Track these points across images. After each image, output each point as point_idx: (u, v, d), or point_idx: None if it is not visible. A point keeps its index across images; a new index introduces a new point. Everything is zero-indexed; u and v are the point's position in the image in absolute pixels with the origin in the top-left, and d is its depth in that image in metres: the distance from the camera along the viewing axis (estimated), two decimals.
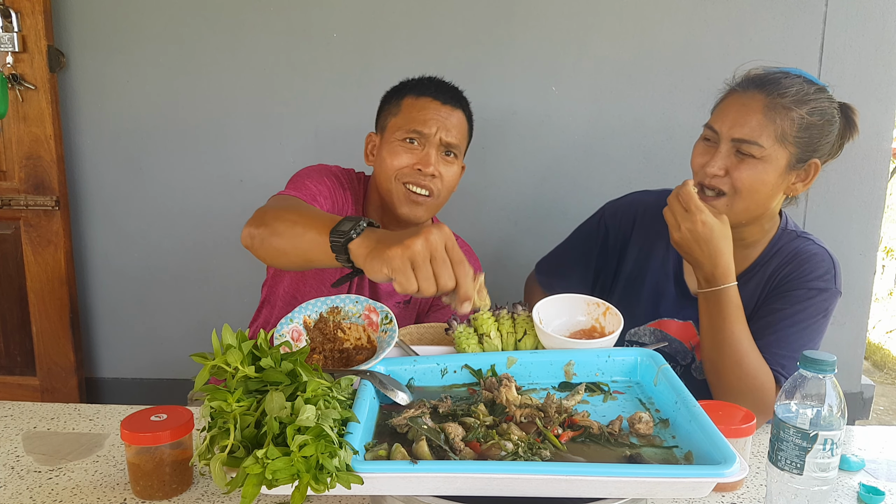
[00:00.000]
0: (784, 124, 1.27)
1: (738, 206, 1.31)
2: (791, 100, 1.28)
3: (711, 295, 1.28)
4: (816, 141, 1.31)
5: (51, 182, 2.45)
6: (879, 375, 4.22)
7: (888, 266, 5.64)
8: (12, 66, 2.35)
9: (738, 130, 1.29)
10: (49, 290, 2.52)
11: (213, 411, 0.83)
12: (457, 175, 1.52)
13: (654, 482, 0.78)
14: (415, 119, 1.44)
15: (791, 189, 1.36)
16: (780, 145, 1.28)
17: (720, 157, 1.30)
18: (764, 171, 1.28)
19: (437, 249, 0.92)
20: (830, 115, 1.32)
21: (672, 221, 1.26)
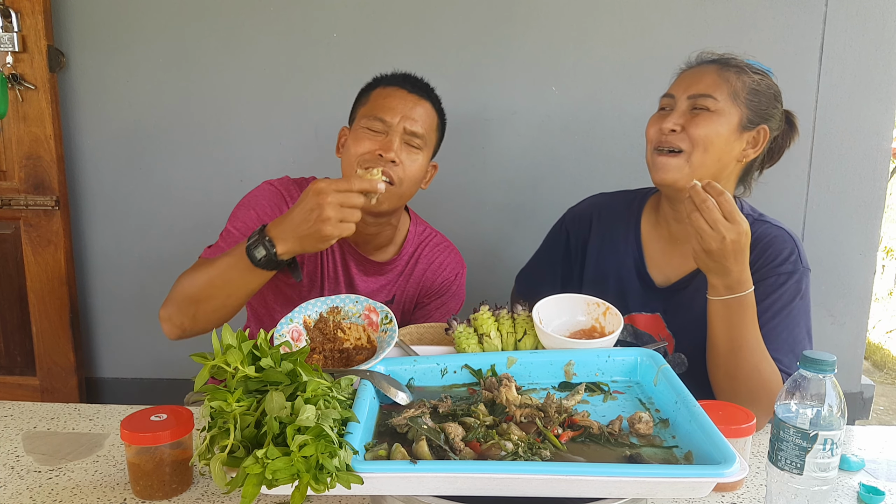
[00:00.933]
0: (736, 84, 1.36)
1: (696, 160, 1.35)
2: (740, 66, 1.39)
3: (733, 301, 1.25)
4: (765, 108, 1.39)
5: (51, 182, 2.45)
6: (879, 375, 4.22)
7: (888, 266, 5.64)
8: (12, 65, 2.35)
9: (694, 88, 1.38)
10: (49, 290, 2.52)
11: (213, 411, 0.83)
12: (422, 167, 1.45)
13: (654, 482, 0.78)
14: (380, 106, 1.42)
15: (743, 155, 1.40)
16: (732, 102, 1.36)
17: (676, 115, 1.38)
18: (718, 123, 1.35)
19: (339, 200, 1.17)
20: (776, 93, 1.43)
21: (711, 233, 1.18)
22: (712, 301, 1.28)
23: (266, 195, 1.47)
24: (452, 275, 1.61)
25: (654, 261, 1.52)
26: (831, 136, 2.39)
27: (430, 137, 1.47)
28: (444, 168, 2.47)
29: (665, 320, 1.49)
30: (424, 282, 1.58)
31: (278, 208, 1.45)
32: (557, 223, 1.69)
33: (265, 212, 1.44)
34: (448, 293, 1.60)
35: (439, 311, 1.59)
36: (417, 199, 2.47)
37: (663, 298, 1.49)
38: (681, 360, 1.48)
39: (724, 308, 1.26)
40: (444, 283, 1.59)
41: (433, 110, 1.49)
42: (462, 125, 2.43)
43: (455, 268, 1.63)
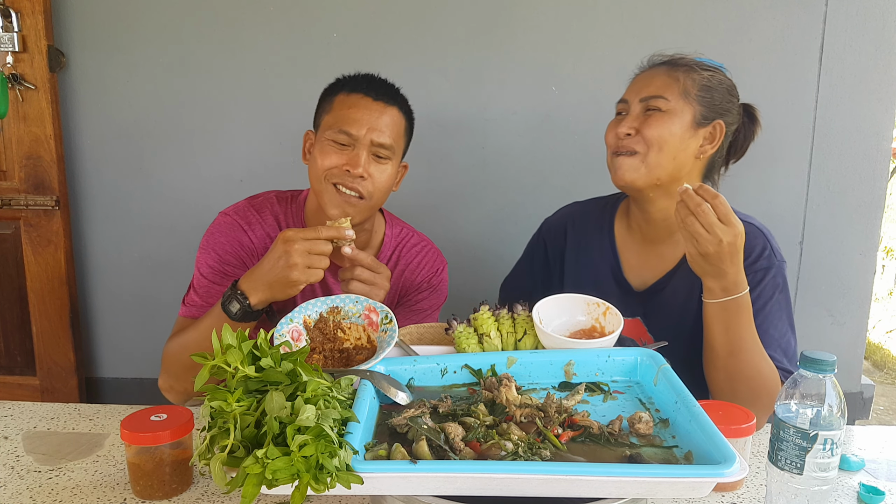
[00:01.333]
0: (686, 82, 1.38)
1: (653, 161, 1.37)
2: (690, 65, 1.40)
3: (731, 303, 1.24)
4: (718, 103, 1.39)
5: (51, 182, 2.45)
6: (879, 375, 4.22)
7: (888, 266, 5.64)
8: (12, 65, 2.35)
9: (645, 90, 1.40)
10: (49, 289, 2.53)
11: (213, 411, 0.83)
12: (391, 176, 1.43)
13: (653, 482, 0.78)
14: (345, 118, 1.37)
15: (701, 151, 1.40)
16: (684, 100, 1.37)
17: (630, 119, 1.40)
18: (671, 122, 1.36)
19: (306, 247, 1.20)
20: (730, 86, 1.43)
21: (708, 237, 1.17)
22: (709, 304, 1.27)
23: (223, 231, 1.46)
24: (432, 272, 1.59)
25: (629, 265, 1.53)
26: (831, 135, 2.39)
27: (398, 145, 1.43)
28: (445, 168, 2.48)
29: (646, 324, 1.50)
30: (404, 283, 1.56)
31: (237, 241, 1.45)
32: (535, 234, 1.71)
33: (225, 249, 1.44)
34: (428, 289, 1.58)
35: (418, 305, 1.56)
36: (418, 200, 2.48)
37: (642, 302, 1.49)
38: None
39: (722, 311, 1.26)
40: (422, 282, 1.57)
41: (400, 115, 1.43)
42: (462, 125, 2.43)
43: (434, 265, 1.60)
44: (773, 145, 2.39)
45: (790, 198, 2.44)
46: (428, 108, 2.40)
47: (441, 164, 2.46)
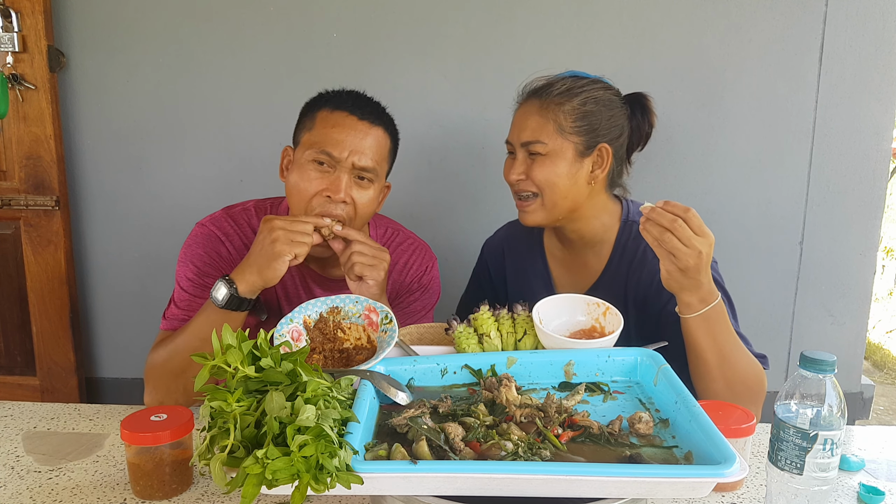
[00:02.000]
0: (559, 118, 1.39)
1: (549, 202, 1.42)
2: (559, 96, 1.40)
3: (711, 312, 1.24)
4: (597, 126, 1.41)
5: (51, 182, 2.45)
6: (879, 375, 4.22)
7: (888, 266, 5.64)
8: (12, 66, 2.35)
9: (522, 135, 1.42)
10: (49, 289, 2.53)
11: (213, 411, 0.83)
12: (374, 198, 1.38)
13: (653, 482, 0.78)
14: (327, 137, 1.31)
15: (592, 177, 1.44)
16: (561, 138, 1.39)
17: (518, 164, 1.43)
18: (553, 164, 1.40)
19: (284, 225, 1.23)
20: (607, 100, 1.43)
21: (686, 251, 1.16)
22: (690, 319, 1.25)
23: (199, 242, 1.44)
24: (421, 271, 1.56)
25: (560, 280, 1.59)
26: (831, 136, 2.39)
27: (381, 168, 1.38)
28: (445, 168, 2.47)
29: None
30: (394, 284, 1.54)
31: (215, 251, 1.43)
32: (479, 257, 1.78)
33: (203, 261, 1.42)
34: (419, 290, 1.56)
35: (411, 307, 1.55)
36: (417, 200, 2.48)
37: None
38: None
39: (704, 321, 1.25)
40: (412, 281, 1.55)
41: (384, 135, 1.38)
42: (462, 125, 2.43)
43: (423, 263, 1.57)
44: (773, 145, 2.39)
45: (790, 198, 2.44)
46: (428, 108, 2.41)
47: (441, 164, 2.46)
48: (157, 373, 1.36)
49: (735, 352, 1.27)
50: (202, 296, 1.41)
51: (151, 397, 1.36)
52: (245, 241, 1.45)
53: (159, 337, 1.43)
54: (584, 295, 1.23)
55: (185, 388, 1.31)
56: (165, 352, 1.35)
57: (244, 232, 1.46)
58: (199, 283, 1.42)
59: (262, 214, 1.49)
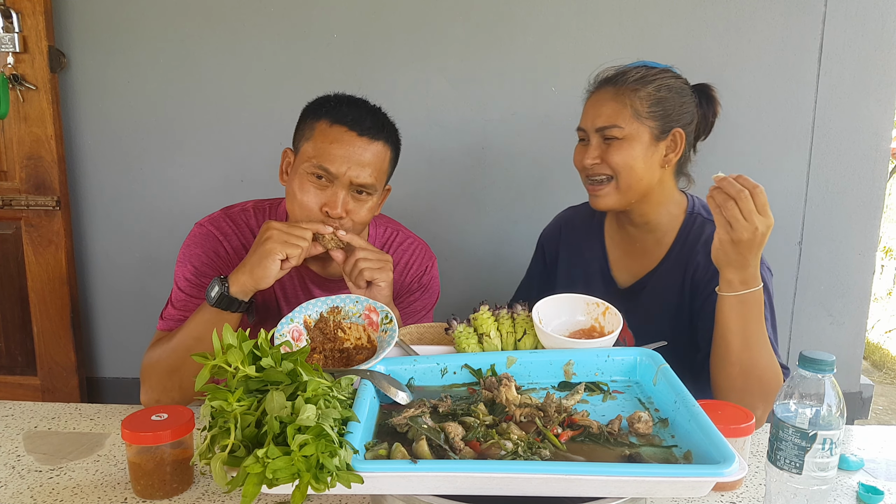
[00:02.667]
0: (635, 103, 1.42)
1: (623, 185, 1.44)
2: (635, 82, 1.43)
3: (748, 296, 1.26)
4: (671, 112, 1.44)
5: (51, 182, 2.45)
6: (878, 375, 4.22)
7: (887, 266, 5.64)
8: (13, 66, 2.36)
9: (598, 121, 1.45)
10: (50, 289, 2.53)
11: (213, 411, 0.83)
12: (373, 209, 1.38)
13: (653, 481, 0.78)
14: (325, 153, 1.29)
15: (666, 161, 1.46)
16: (637, 122, 1.42)
17: (592, 149, 1.46)
18: (630, 147, 1.42)
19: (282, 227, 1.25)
20: (679, 88, 1.46)
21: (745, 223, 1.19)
22: (726, 297, 1.27)
23: (198, 242, 1.44)
24: (421, 271, 1.56)
25: (617, 263, 1.60)
26: (830, 136, 2.39)
27: (380, 181, 1.36)
28: (445, 168, 2.48)
29: (627, 321, 1.51)
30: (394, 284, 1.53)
31: (213, 251, 1.43)
32: (536, 247, 1.80)
33: (202, 261, 1.42)
34: (419, 290, 1.56)
35: (411, 307, 1.55)
36: (417, 200, 2.48)
37: (625, 299, 1.52)
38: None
39: (739, 303, 1.27)
40: (412, 282, 1.55)
41: (385, 147, 1.36)
42: (462, 125, 2.43)
43: (423, 263, 1.57)
44: (773, 145, 2.39)
45: (789, 198, 2.44)
46: (428, 108, 2.41)
47: (441, 164, 2.47)
48: (152, 371, 1.36)
49: (759, 345, 1.28)
50: (199, 296, 1.41)
51: (148, 396, 1.37)
52: (243, 241, 1.46)
53: (155, 337, 1.44)
54: (584, 295, 1.23)
55: (180, 385, 1.31)
56: (161, 350, 1.35)
57: (242, 232, 1.46)
58: (196, 283, 1.42)
59: (261, 215, 1.49)
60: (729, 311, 1.28)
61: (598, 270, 1.60)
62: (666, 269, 1.51)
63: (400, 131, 1.46)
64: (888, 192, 3.99)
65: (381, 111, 1.39)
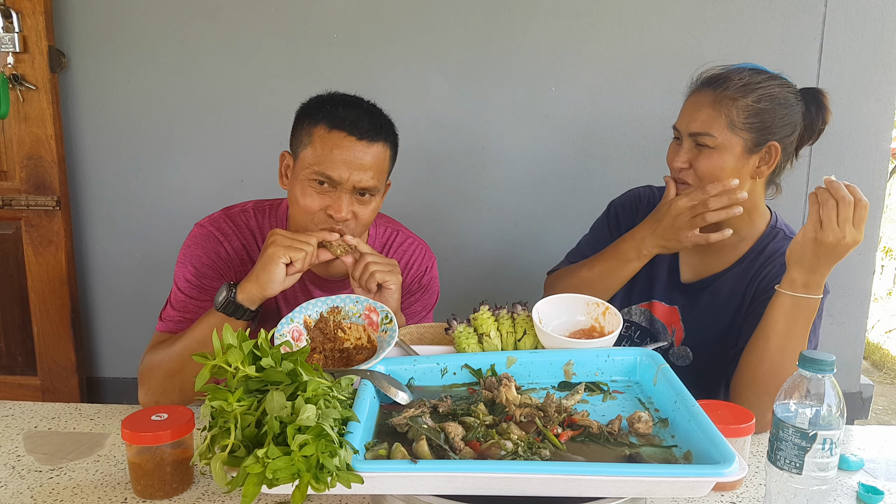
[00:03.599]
0: (731, 113, 1.38)
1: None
2: (735, 91, 1.39)
3: (804, 301, 1.27)
4: (770, 125, 1.40)
5: (52, 182, 2.45)
6: (878, 375, 4.22)
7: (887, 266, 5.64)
8: (13, 66, 2.35)
9: (692, 125, 1.41)
10: (50, 289, 2.53)
11: (213, 411, 0.83)
12: (376, 209, 1.38)
13: (653, 481, 0.78)
14: (325, 160, 1.28)
15: (757, 173, 1.44)
16: (731, 133, 1.38)
17: (683, 152, 1.43)
18: (721, 158, 1.39)
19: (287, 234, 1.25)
20: (783, 98, 1.41)
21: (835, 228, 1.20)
22: (782, 295, 1.28)
23: (199, 243, 1.44)
24: (421, 271, 1.56)
25: (686, 257, 1.57)
26: (830, 136, 2.37)
27: (381, 181, 1.36)
28: (445, 168, 2.48)
29: (681, 314, 1.53)
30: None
31: (214, 251, 1.43)
32: (604, 213, 1.72)
33: (202, 262, 1.42)
34: (419, 290, 1.56)
35: (412, 308, 1.55)
36: (418, 200, 2.48)
37: (685, 293, 1.53)
38: (685, 353, 1.52)
39: (793, 304, 1.27)
40: (412, 282, 1.55)
41: (384, 148, 1.34)
42: (462, 125, 2.43)
43: (423, 264, 1.57)
44: None
45: (789, 198, 2.42)
46: (428, 108, 2.41)
47: (441, 164, 2.47)
48: (152, 374, 1.35)
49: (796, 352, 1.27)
50: (199, 297, 1.41)
51: (147, 398, 1.36)
52: (244, 241, 1.46)
53: (155, 338, 1.43)
54: (584, 295, 1.23)
55: (181, 388, 1.31)
56: (164, 353, 1.34)
57: (243, 233, 1.46)
58: (196, 283, 1.42)
59: (261, 216, 1.49)
60: (780, 310, 1.28)
61: (665, 259, 1.57)
62: (734, 274, 1.49)
63: (400, 131, 1.46)
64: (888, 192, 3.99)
65: (377, 109, 1.38)
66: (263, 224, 1.48)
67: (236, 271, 1.45)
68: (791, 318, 1.27)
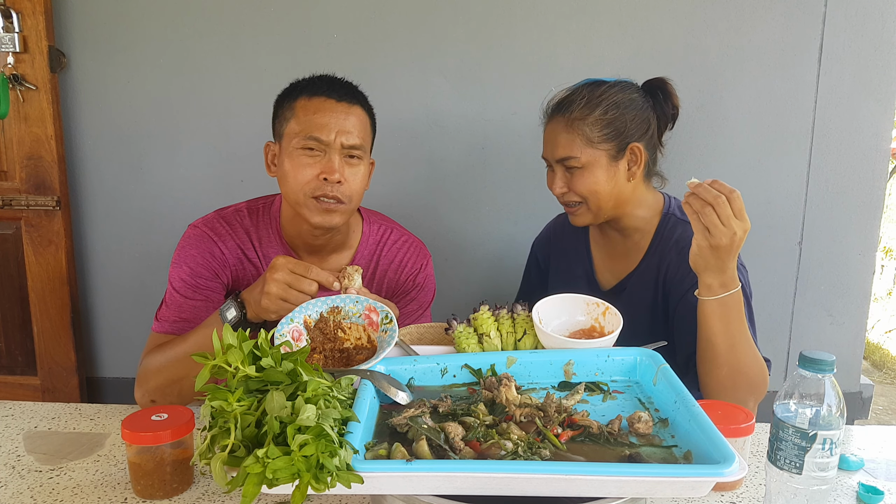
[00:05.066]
0: (585, 131, 1.44)
1: (594, 206, 1.49)
2: (581, 110, 1.45)
3: (729, 298, 1.27)
4: (623, 129, 1.46)
5: (52, 182, 2.45)
6: (878, 375, 4.22)
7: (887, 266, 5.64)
8: (13, 66, 2.35)
9: (556, 153, 1.48)
10: (50, 289, 2.53)
11: (213, 411, 0.83)
12: (365, 175, 1.42)
13: (653, 481, 0.78)
14: (311, 123, 1.34)
15: (630, 175, 1.49)
16: (592, 149, 1.45)
17: (558, 179, 1.50)
18: (591, 174, 1.46)
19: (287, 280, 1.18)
20: (628, 101, 1.47)
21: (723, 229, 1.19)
22: (707, 302, 1.28)
23: (193, 244, 1.45)
24: (416, 269, 1.57)
25: (601, 265, 1.65)
26: (830, 136, 2.39)
27: (366, 143, 1.41)
28: (445, 168, 2.48)
29: None
30: (388, 283, 1.55)
31: (208, 252, 1.44)
32: (529, 255, 1.86)
33: (197, 262, 1.43)
34: (415, 289, 1.57)
35: (408, 307, 1.55)
36: (418, 200, 2.48)
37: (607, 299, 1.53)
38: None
39: (721, 306, 1.27)
40: (407, 280, 1.56)
41: (363, 112, 1.41)
42: (462, 125, 2.43)
43: (417, 261, 1.58)
44: (772, 146, 2.39)
45: (789, 198, 2.44)
46: (428, 108, 2.41)
47: (441, 164, 2.47)
48: (150, 377, 1.36)
49: (743, 343, 1.29)
50: (194, 297, 1.42)
51: (145, 399, 1.37)
52: (238, 241, 1.46)
53: (152, 339, 1.43)
54: (584, 295, 1.23)
55: (178, 392, 1.32)
56: (163, 358, 1.34)
57: (237, 233, 1.47)
58: (192, 283, 1.42)
59: (255, 214, 1.50)
60: (711, 315, 1.29)
61: (583, 274, 1.66)
62: (643, 270, 1.54)
63: (400, 131, 1.47)
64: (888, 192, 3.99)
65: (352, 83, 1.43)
66: (258, 223, 1.49)
67: (232, 271, 1.46)
68: (724, 317, 1.28)
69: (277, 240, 1.48)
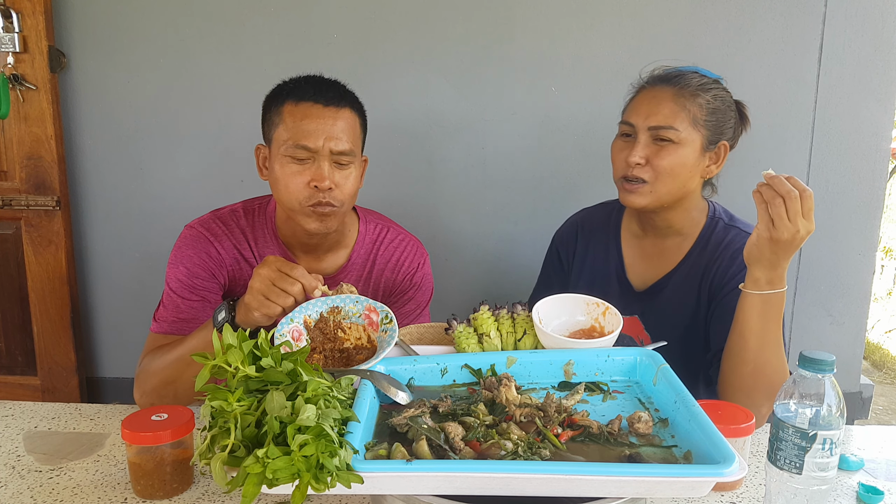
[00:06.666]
0: (694, 109, 1.39)
1: (661, 190, 1.41)
2: (696, 88, 1.41)
3: (773, 297, 1.27)
4: (722, 124, 1.43)
5: (52, 182, 2.45)
6: (878, 375, 4.22)
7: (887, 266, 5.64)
8: (13, 66, 2.36)
9: (653, 119, 1.39)
10: (50, 289, 2.53)
11: (213, 411, 0.83)
12: (356, 177, 1.40)
13: (653, 481, 0.78)
14: (299, 130, 1.32)
15: (706, 171, 1.45)
16: (693, 128, 1.39)
17: (640, 147, 1.40)
18: (683, 154, 1.39)
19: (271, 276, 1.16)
20: (729, 101, 1.46)
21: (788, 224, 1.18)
22: (750, 295, 1.27)
23: (190, 244, 1.45)
24: (413, 268, 1.56)
25: (633, 266, 1.58)
26: (830, 136, 2.39)
27: (356, 146, 1.39)
28: (445, 168, 2.48)
29: (643, 322, 1.53)
30: (385, 282, 1.54)
31: (205, 252, 1.44)
32: (549, 249, 1.77)
33: (194, 262, 1.43)
34: (412, 288, 1.56)
35: (406, 307, 1.55)
36: (418, 200, 2.48)
37: (641, 301, 1.53)
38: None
39: (762, 303, 1.27)
40: (405, 279, 1.55)
41: (352, 114, 1.38)
42: (462, 125, 2.43)
43: (415, 260, 1.57)
44: (773, 146, 2.39)
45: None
46: (428, 109, 2.41)
47: (441, 165, 2.47)
48: (148, 378, 1.36)
49: (774, 345, 1.29)
50: (191, 297, 1.42)
51: (143, 401, 1.37)
52: (234, 241, 1.46)
53: (150, 340, 1.44)
54: (584, 295, 1.23)
55: (174, 394, 1.32)
56: (161, 361, 1.34)
57: (233, 233, 1.47)
58: (189, 284, 1.42)
59: (251, 215, 1.50)
60: (750, 310, 1.28)
61: (613, 273, 1.59)
62: (684, 271, 1.50)
63: (400, 131, 1.46)
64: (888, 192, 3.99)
65: (340, 82, 1.41)
66: (254, 223, 1.49)
67: (228, 271, 1.46)
68: (763, 315, 1.27)
69: (273, 240, 1.48)
